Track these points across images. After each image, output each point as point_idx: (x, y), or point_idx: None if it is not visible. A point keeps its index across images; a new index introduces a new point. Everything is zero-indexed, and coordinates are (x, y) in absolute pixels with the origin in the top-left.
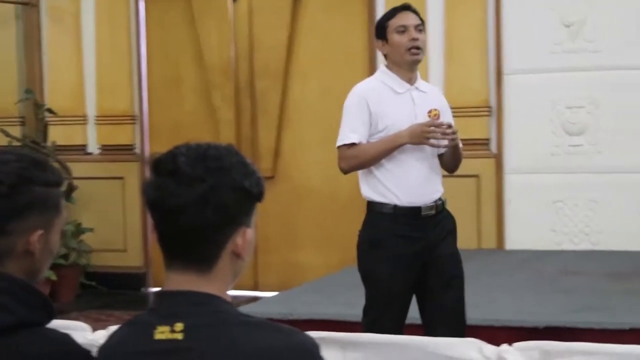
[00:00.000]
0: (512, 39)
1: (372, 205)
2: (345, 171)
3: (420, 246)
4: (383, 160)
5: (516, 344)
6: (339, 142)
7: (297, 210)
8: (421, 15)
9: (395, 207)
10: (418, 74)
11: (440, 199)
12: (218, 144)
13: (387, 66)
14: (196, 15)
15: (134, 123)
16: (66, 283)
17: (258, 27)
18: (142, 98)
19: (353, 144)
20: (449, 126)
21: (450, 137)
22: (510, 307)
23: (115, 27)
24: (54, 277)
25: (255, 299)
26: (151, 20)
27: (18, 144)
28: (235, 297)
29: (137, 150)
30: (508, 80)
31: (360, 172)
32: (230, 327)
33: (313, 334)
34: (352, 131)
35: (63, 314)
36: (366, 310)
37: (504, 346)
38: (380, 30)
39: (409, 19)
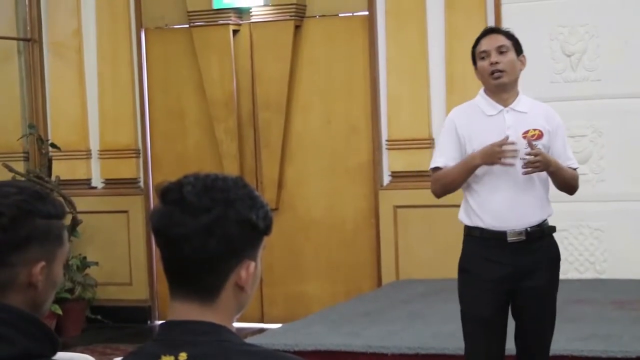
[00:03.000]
0: None
1: (465, 229)
2: (435, 195)
3: (506, 272)
4: (473, 184)
5: None
6: (431, 165)
7: (301, 241)
8: (509, 33)
9: (482, 230)
10: (520, 95)
11: (538, 225)
12: (227, 175)
13: (483, 89)
14: (197, 48)
15: (137, 156)
16: (72, 317)
17: (259, 59)
18: (145, 131)
19: (438, 168)
20: (532, 147)
21: (528, 158)
22: None
23: (117, 61)
24: (59, 311)
25: (261, 330)
26: (153, 54)
27: (22, 179)
28: (241, 329)
29: (141, 184)
30: None
31: None
32: (234, 356)
33: None
34: (439, 155)
35: (69, 348)
36: (464, 337)
37: None
38: (472, 57)
39: (489, 43)
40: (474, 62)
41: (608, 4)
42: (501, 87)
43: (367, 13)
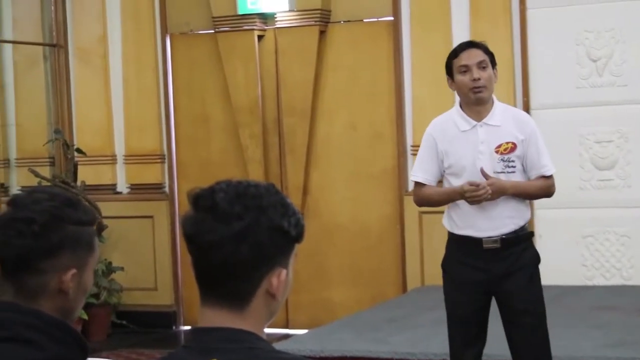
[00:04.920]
0: (538, 75)
1: (448, 233)
2: (417, 205)
3: (483, 276)
4: None
5: None
6: (410, 177)
7: (326, 247)
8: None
9: (460, 237)
10: (495, 107)
11: (513, 232)
12: (259, 182)
13: (459, 102)
14: (222, 54)
15: (162, 162)
16: (97, 322)
17: (284, 65)
18: (170, 137)
19: (420, 183)
20: (478, 185)
21: (482, 197)
22: None
23: (142, 66)
24: (85, 316)
25: (286, 336)
26: (178, 59)
27: (48, 184)
28: (266, 335)
29: (166, 189)
30: (535, 116)
31: None
32: None
33: None
34: (419, 169)
35: (94, 353)
36: (448, 337)
37: None
38: (447, 68)
39: (470, 57)
40: (450, 74)
41: (634, 9)
42: (480, 101)
43: (392, 18)
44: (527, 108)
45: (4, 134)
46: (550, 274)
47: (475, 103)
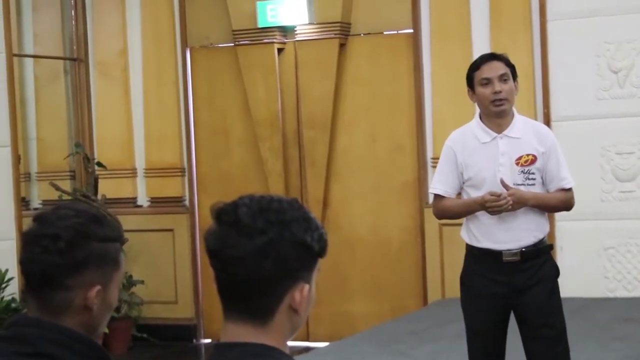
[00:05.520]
0: (559, 87)
1: (466, 246)
2: (437, 217)
3: (502, 290)
4: None
5: None
6: (430, 189)
7: (347, 260)
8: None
9: (479, 249)
10: (515, 119)
11: (532, 245)
12: (282, 197)
13: (479, 114)
14: (242, 67)
15: (182, 175)
16: (118, 335)
17: (304, 78)
18: (190, 150)
19: (439, 195)
20: (499, 195)
21: (503, 207)
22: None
23: (162, 80)
24: (105, 330)
25: (306, 349)
26: (198, 72)
27: (69, 197)
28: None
29: (187, 202)
30: (556, 128)
31: None
32: None
33: None
34: (439, 181)
35: None
36: (467, 349)
37: None
38: (468, 80)
39: (492, 70)
40: (471, 86)
41: None
42: (502, 114)
43: (411, 31)
44: (547, 120)
45: (25, 147)
46: (572, 286)
47: (497, 116)
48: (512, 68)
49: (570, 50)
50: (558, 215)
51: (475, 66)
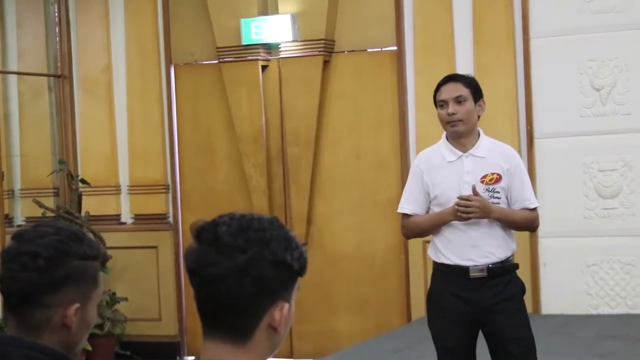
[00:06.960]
0: (542, 104)
1: (433, 263)
2: (405, 237)
3: (470, 306)
4: None
5: None
6: (398, 209)
7: (331, 276)
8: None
9: (447, 266)
10: (481, 139)
11: (499, 262)
12: (262, 216)
13: (445, 134)
14: (227, 84)
15: (166, 192)
16: (102, 353)
17: (288, 95)
18: (174, 167)
19: (407, 215)
20: (464, 198)
21: (472, 211)
22: None
23: (146, 96)
24: (88, 347)
25: None
26: (182, 89)
27: (52, 214)
28: None
29: (170, 219)
30: (539, 145)
31: None
32: None
33: None
34: (406, 200)
35: None
36: None
37: None
38: (434, 100)
39: (448, 92)
40: (435, 106)
41: (637, 38)
42: (458, 135)
43: (395, 48)
44: (530, 137)
45: (9, 164)
46: (555, 302)
47: (454, 136)
48: (473, 89)
49: (553, 67)
50: (541, 232)
51: (437, 87)
